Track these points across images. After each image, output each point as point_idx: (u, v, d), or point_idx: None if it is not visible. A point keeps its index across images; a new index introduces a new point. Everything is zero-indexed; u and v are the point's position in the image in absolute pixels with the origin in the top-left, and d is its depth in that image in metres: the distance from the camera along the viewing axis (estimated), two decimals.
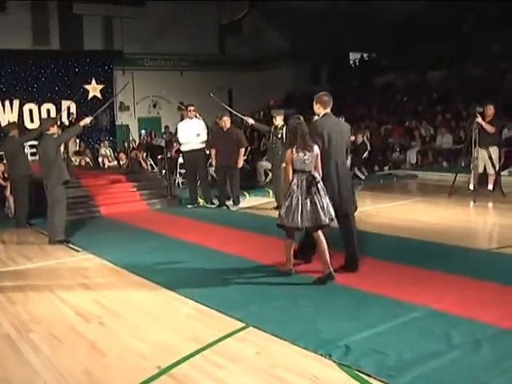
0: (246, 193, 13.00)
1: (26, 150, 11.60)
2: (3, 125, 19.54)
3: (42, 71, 22.26)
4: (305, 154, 5.92)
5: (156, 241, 8.58)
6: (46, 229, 9.13)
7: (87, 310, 5.45)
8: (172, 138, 17.91)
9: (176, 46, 24.41)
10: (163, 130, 22.60)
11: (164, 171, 14.80)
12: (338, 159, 6.22)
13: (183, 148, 12.36)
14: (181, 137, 12.27)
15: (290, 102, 25.77)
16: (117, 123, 23.72)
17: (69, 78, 22.71)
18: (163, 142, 18.68)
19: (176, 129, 14.15)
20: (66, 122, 17.35)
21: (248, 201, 12.39)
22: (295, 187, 5.91)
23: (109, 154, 18.05)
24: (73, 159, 15.94)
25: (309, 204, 5.84)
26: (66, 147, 12.64)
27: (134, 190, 12.62)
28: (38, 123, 21.01)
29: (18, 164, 10.40)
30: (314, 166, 5.98)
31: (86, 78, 22.60)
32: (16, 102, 21.80)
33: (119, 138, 22.26)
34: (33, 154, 15.18)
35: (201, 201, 12.26)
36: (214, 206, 11.61)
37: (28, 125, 21.37)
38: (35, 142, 15.07)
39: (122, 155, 15.84)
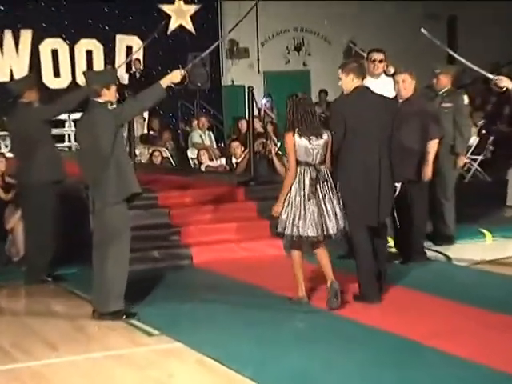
0: (482, 230, 10.54)
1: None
2: (1, 80, 15.98)
3: None
4: (310, 141, 6.50)
5: (300, 322, 7.02)
6: (90, 290, 7.61)
7: None
8: None
9: None
10: (315, 98, 18.90)
11: None
12: (369, 151, 6.64)
13: None
14: None
15: None
16: (224, 83, 20.07)
17: None
18: None
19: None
20: (125, 78, 15.60)
21: (487, 247, 10.03)
22: (297, 185, 6.62)
23: (208, 142, 15.12)
24: (138, 152, 13.14)
25: (313, 207, 6.56)
26: (131, 129, 10.90)
27: (260, 215, 10.11)
28: (71, 79, 17.63)
29: (37, 160, 8.45)
30: (322, 157, 6.61)
31: None
32: (26, 35, 16.97)
33: (228, 111, 18.80)
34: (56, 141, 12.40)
35: None
36: None
37: (49, 81, 17.06)
38: (63, 117, 13.55)
39: (237, 146, 12.67)
